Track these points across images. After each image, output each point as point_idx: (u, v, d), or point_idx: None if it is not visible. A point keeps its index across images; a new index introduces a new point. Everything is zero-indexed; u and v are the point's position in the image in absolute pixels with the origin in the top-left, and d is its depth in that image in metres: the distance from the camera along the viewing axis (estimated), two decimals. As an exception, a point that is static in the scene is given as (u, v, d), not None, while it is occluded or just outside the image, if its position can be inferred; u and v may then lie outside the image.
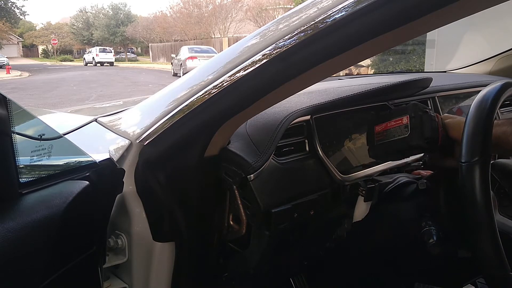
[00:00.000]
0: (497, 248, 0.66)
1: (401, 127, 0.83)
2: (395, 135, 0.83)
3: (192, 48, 17.56)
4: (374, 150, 0.87)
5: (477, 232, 0.67)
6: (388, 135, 0.84)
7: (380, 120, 0.87)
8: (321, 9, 0.60)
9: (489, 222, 0.66)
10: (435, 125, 0.82)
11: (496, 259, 0.66)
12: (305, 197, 0.88)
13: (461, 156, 0.70)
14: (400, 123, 0.83)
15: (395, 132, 0.84)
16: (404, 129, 0.82)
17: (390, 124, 0.85)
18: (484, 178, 0.67)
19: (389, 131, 0.85)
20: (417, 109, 0.82)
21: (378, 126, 0.87)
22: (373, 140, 0.87)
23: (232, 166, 0.79)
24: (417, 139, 0.80)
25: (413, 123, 0.81)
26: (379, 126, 0.86)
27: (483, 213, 0.67)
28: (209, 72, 0.74)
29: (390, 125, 0.85)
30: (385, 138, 0.85)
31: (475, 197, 0.67)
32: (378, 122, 0.87)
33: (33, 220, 0.56)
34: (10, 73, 20.09)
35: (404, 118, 0.83)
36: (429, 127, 0.80)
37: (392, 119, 0.85)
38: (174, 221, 0.80)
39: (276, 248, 0.90)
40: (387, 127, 0.85)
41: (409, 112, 0.83)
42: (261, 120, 0.87)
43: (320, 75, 0.70)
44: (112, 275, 0.86)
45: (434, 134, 0.81)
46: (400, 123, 0.83)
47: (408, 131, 0.81)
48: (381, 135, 0.86)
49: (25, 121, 0.64)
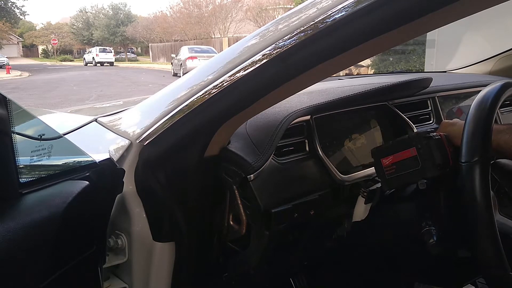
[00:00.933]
0: (497, 248, 0.66)
1: (410, 159, 0.80)
2: (406, 168, 0.81)
3: (192, 48, 17.56)
4: (388, 184, 0.85)
5: (477, 232, 0.67)
6: (399, 169, 0.82)
7: (384, 152, 0.84)
8: (321, 9, 0.60)
9: (489, 222, 0.66)
10: (443, 147, 0.79)
11: (496, 259, 0.66)
12: (305, 197, 0.88)
13: (461, 156, 0.70)
14: (408, 155, 0.80)
15: (406, 165, 0.81)
16: (414, 161, 0.80)
17: (397, 157, 0.82)
18: (484, 178, 0.67)
19: (398, 164, 0.82)
20: (421, 138, 0.80)
21: (385, 159, 0.84)
22: (383, 173, 0.84)
23: (232, 166, 0.79)
24: (431, 170, 0.78)
25: (421, 154, 0.79)
26: (386, 159, 0.84)
27: (483, 213, 0.67)
28: (209, 72, 0.74)
29: (398, 158, 0.82)
30: (396, 171, 0.82)
31: (475, 197, 0.67)
32: (383, 155, 0.84)
33: (33, 220, 0.56)
34: (10, 73, 20.08)
35: (410, 150, 0.80)
36: (439, 154, 0.78)
37: (397, 151, 0.82)
38: (174, 221, 0.80)
39: (276, 248, 0.90)
40: (395, 160, 0.82)
41: (414, 144, 0.80)
42: (261, 120, 0.87)
43: (320, 75, 0.70)
44: (112, 275, 0.86)
45: (445, 158, 0.79)
46: (408, 155, 0.80)
47: (419, 163, 0.79)
48: (390, 168, 0.83)
49: (25, 121, 0.64)
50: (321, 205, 0.91)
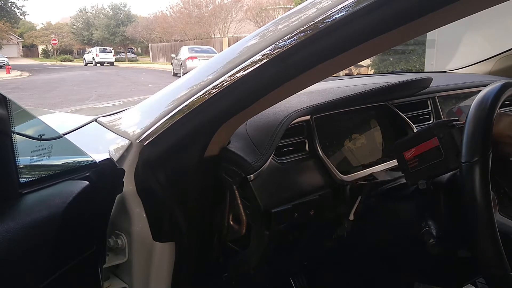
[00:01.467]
0: (497, 248, 0.66)
1: (432, 150, 0.78)
2: (429, 160, 0.79)
3: (192, 48, 17.55)
4: (412, 178, 0.83)
5: (477, 232, 0.67)
6: (422, 161, 0.80)
7: (405, 145, 0.83)
8: (321, 9, 0.60)
9: (489, 222, 0.67)
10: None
11: (496, 259, 0.66)
12: (305, 197, 0.88)
13: (461, 156, 0.70)
14: (431, 145, 0.78)
15: (428, 157, 0.79)
16: (436, 152, 0.78)
17: (419, 149, 0.80)
18: (484, 178, 0.67)
19: (421, 156, 0.80)
20: (444, 127, 0.77)
21: (407, 153, 0.82)
22: (407, 167, 0.83)
23: (232, 166, 0.79)
24: (454, 160, 0.75)
25: (444, 143, 0.77)
26: (408, 152, 0.82)
27: (483, 213, 0.67)
28: (209, 72, 0.74)
29: (420, 150, 0.80)
30: (419, 164, 0.81)
31: (475, 197, 0.67)
32: (404, 149, 0.83)
33: (33, 220, 0.56)
34: (10, 73, 20.09)
35: (432, 140, 0.78)
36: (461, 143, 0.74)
37: (419, 143, 0.80)
38: (174, 221, 0.80)
39: (276, 248, 0.90)
40: (417, 153, 0.81)
41: (436, 133, 0.78)
42: (261, 120, 0.87)
43: (320, 75, 0.70)
44: (112, 275, 0.86)
45: None
46: (431, 145, 0.78)
47: (442, 154, 0.77)
48: (413, 161, 0.82)
49: (25, 121, 0.64)
50: (321, 205, 0.91)
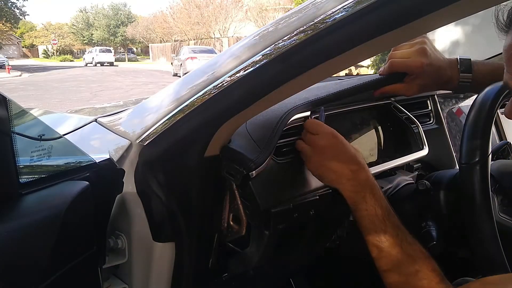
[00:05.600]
0: (497, 248, 0.66)
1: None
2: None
3: (192, 48, 17.58)
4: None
5: (477, 232, 0.67)
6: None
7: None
8: (321, 9, 0.60)
9: (489, 223, 0.67)
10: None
11: (496, 259, 0.66)
12: (305, 197, 0.88)
13: (461, 157, 0.70)
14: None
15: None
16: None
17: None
18: (484, 178, 0.67)
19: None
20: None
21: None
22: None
23: (234, 164, 0.79)
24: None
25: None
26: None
27: (483, 213, 0.67)
28: (209, 72, 0.74)
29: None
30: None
31: (475, 198, 0.67)
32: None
33: (33, 221, 0.55)
34: (10, 73, 20.10)
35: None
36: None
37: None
38: (174, 221, 0.80)
39: (276, 248, 0.90)
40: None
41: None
42: (261, 118, 0.87)
43: (320, 75, 0.70)
44: (112, 276, 0.86)
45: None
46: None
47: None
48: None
49: (25, 121, 0.64)
50: (321, 205, 0.91)
